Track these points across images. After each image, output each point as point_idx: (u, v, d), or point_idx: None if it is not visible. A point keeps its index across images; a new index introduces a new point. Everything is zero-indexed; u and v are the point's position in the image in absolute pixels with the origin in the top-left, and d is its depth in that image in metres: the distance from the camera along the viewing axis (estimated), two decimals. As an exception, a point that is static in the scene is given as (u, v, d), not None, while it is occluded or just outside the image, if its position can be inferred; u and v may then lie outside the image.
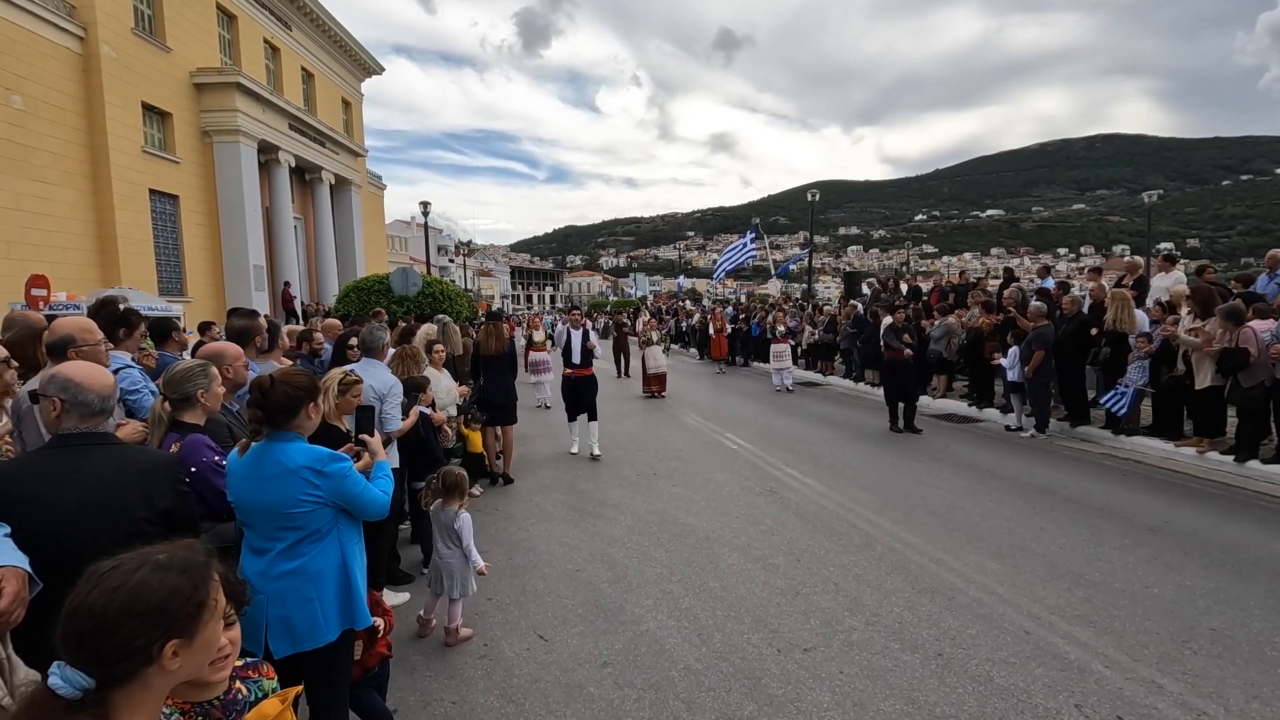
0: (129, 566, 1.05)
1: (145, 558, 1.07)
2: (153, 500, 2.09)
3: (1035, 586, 4.33)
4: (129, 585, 1.02)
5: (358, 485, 2.39)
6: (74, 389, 2.10)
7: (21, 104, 14.81)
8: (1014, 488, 6.58)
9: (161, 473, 2.18)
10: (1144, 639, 3.64)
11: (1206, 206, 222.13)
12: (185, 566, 1.09)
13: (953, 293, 12.67)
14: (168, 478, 2.17)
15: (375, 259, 32.19)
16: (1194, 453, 7.23)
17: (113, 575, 1.03)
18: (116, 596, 1.00)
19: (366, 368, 4.51)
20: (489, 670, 3.55)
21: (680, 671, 3.45)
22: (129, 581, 1.02)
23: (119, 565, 1.05)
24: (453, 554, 3.88)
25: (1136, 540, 5.10)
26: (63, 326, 3.10)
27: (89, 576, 1.04)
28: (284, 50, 25.43)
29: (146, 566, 1.05)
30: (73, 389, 2.10)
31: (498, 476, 7.28)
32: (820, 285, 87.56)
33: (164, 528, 2.10)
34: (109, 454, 2.13)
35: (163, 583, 1.05)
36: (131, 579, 1.03)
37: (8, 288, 13.08)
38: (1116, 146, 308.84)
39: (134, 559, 1.07)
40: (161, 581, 1.05)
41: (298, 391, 2.36)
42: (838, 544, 5.19)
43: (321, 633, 2.29)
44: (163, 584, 1.04)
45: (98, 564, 1.06)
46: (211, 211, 20.87)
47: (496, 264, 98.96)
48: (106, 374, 2.24)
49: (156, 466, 2.20)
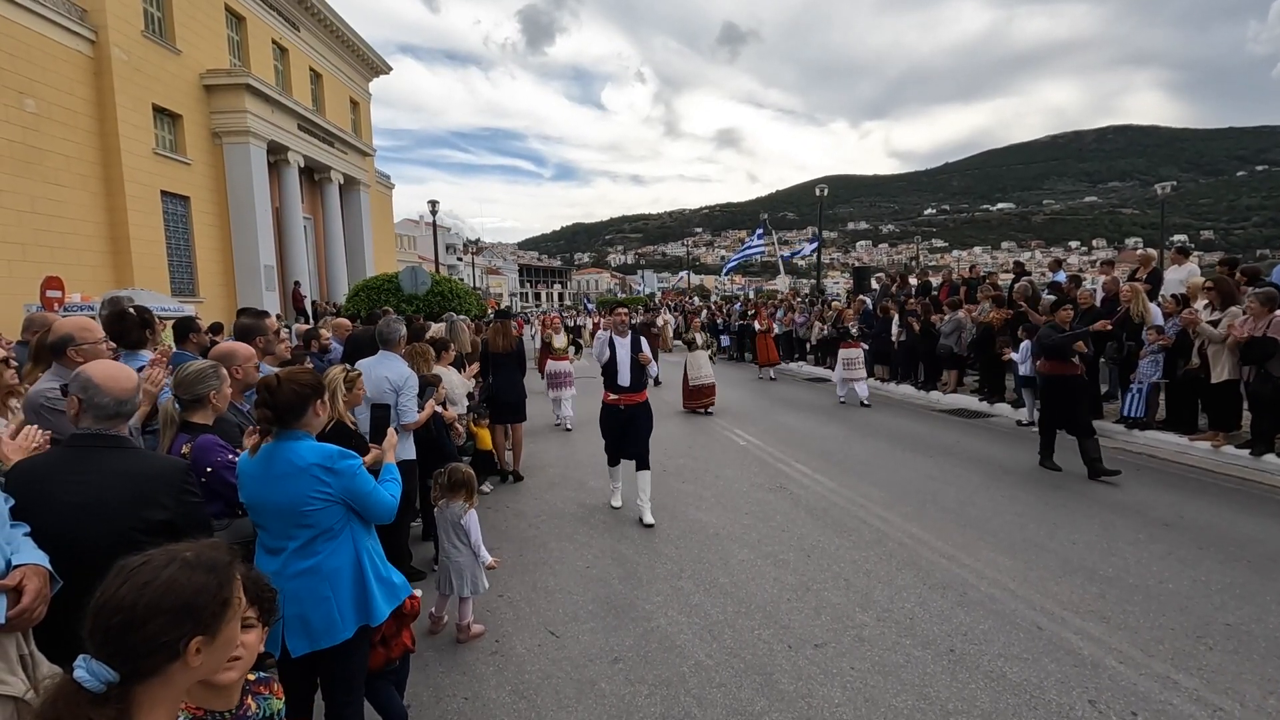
0: (158, 563, 1.07)
1: (173, 555, 1.09)
2: (147, 510, 2.06)
3: (1048, 582, 4.31)
4: (158, 581, 1.04)
5: (367, 484, 2.41)
6: (92, 390, 2.12)
7: (35, 107, 14.97)
8: (1026, 483, 6.54)
9: (163, 482, 2.13)
10: (1158, 634, 3.61)
11: (1221, 198, 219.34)
12: (212, 565, 1.11)
13: (964, 287, 12.58)
14: (170, 487, 2.13)
15: (384, 258, 32.34)
16: (1209, 447, 7.16)
17: (142, 571, 1.05)
18: (146, 592, 1.02)
19: (382, 360, 4.55)
20: (501, 666, 3.57)
21: (691, 667, 3.46)
22: (158, 577, 1.04)
23: (148, 561, 1.07)
24: (460, 552, 3.89)
25: (1151, 535, 5.06)
26: (62, 326, 3.13)
27: (118, 571, 1.06)
28: (292, 51, 25.56)
29: (175, 564, 1.07)
30: (91, 390, 2.13)
31: (508, 474, 7.31)
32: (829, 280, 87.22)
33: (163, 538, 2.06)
34: (116, 458, 2.13)
35: (190, 580, 1.06)
36: (161, 575, 1.05)
37: (24, 289, 13.24)
38: (1129, 138, 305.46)
39: (162, 555, 1.09)
40: (190, 579, 1.06)
41: (304, 390, 2.38)
42: (848, 540, 5.18)
43: (338, 630, 2.32)
44: (190, 581, 1.06)
45: (126, 559, 1.08)
46: (222, 212, 21.03)
47: (504, 262, 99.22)
48: (129, 378, 2.23)
49: (159, 475, 2.15)
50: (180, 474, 2.21)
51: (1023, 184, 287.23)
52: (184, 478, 2.21)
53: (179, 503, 2.13)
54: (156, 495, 2.09)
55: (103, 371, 2.19)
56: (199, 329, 4.59)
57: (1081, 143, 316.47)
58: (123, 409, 2.18)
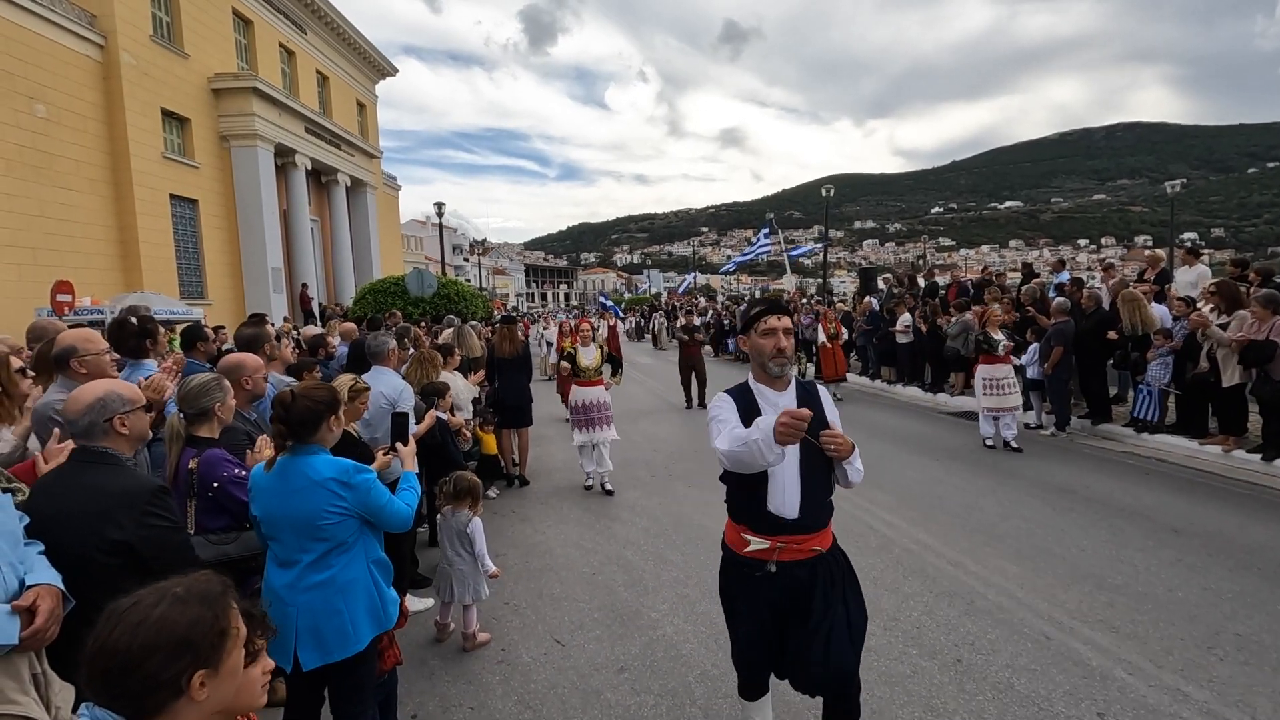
0: (148, 602, 1.07)
1: (163, 592, 1.09)
2: (107, 529, 2.05)
3: (1056, 590, 4.28)
4: (150, 620, 1.04)
5: (383, 497, 2.43)
6: (63, 412, 2.24)
7: (45, 112, 15.08)
8: (1034, 487, 6.51)
9: (124, 501, 2.10)
10: (1168, 644, 3.59)
11: (1232, 195, 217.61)
12: (204, 597, 1.10)
13: (973, 287, 12.52)
14: (129, 508, 2.10)
15: (391, 260, 32.45)
16: (1219, 451, 7.10)
17: (133, 612, 1.05)
18: (139, 632, 1.02)
19: (376, 375, 4.54)
20: (507, 675, 3.58)
21: (697, 677, 3.46)
22: (150, 616, 1.04)
23: (138, 601, 1.07)
24: (463, 560, 3.89)
25: (1160, 542, 5.02)
26: (66, 338, 3.15)
27: (109, 615, 1.06)
28: (299, 53, 25.67)
29: (165, 601, 1.07)
30: (63, 412, 2.25)
31: (513, 478, 7.32)
32: (835, 280, 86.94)
33: (121, 559, 2.05)
34: (97, 473, 2.15)
35: (184, 614, 1.06)
36: (152, 614, 1.04)
37: (34, 293, 13.34)
38: (1138, 135, 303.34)
39: (152, 594, 1.09)
40: (183, 613, 1.06)
41: (319, 405, 2.39)
42: (853, 546, 5.14)
43: (351, 643, 2.33)
44: (184, 615, 1.06)
45: (116, 602, 1.08)
46: (230, 215, 21.14)
47: (511, 262, 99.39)
48: (88, 392, 2.25)
49: (123, 493, 2.12)
50: (146, 494, 2.16)
51: (1030, 182, 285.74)
52: (149, 499, 2.15)
53: (138, 524, 2.09)
54: (115, 514, 2.08)
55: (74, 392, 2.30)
56: (207, 337, 4.61)
57: (1090, 140, 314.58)
58: (80, 423, 2.19)
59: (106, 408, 2.20)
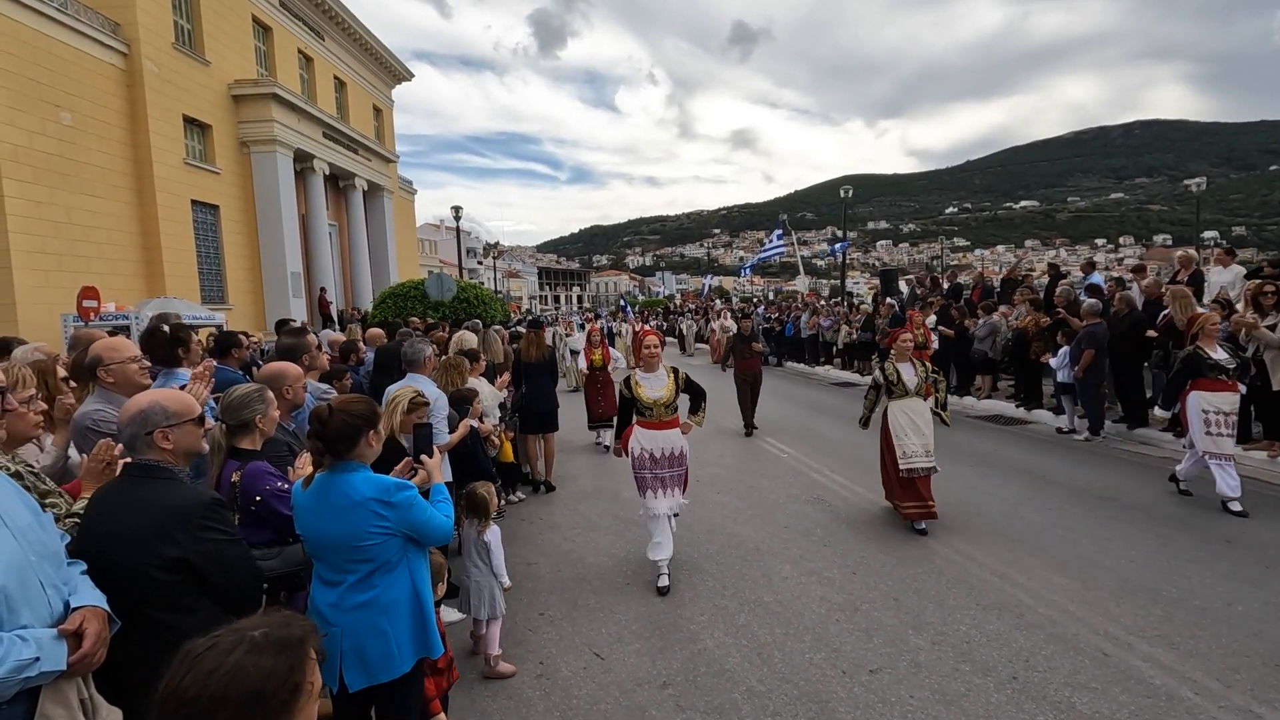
0: (224, 646, 1.03)
1: (241, 636, 1.04)
2: (163, 546, 2.01)
3: (1108, 603, 4.14)
4: (223, 669, 0.99)
5: (424, 512, 2.36)
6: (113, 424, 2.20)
7: (71, 120, 15.26)
8: (1072, 494, 6.34)
9: (179, 517, 2.05)
10: (1234, 662, 3.44)
11: (1253, 193, 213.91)
12: (282, 645, 1.05)
13: (999, 288, 12.33)
14: (184, 523, 2.04)
15: (407, 263, 32.59)
16: (1265, 457, 6.90)
17: (207, 658, 1.01)
18: (210, 682, 0.98)
19: (410, 383, 4.50)
20: (547, 690, 3.50)
21: (743, 694, 3.36)
22: (223, 665, 1.00)
23: (215, 645, 1.03)
24: (480, 571, 3.79)
25: (1212, 552, 4.85)
26: (94, 348, 3.11)
27: (183, 658, 1.02)
28: (317, 60, 25.86)
29: (242, 647, 1.02)
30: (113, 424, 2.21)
31: (539, 484, 7.26)
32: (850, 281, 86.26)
33: (179, 575, 2.03)
34: (149, 488, 2.10)
35: (258, 665, 1.01)
36: (226, 662, 1.00)
37: (60, 299, 13.48)
38: (1156, 133, 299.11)
39: (230, 636, 1.04)
40: (257, 664, 1.01)
41: (356, 420, 2.32)
42: (893, 556, 5.04)
43: (396, 664, 2.26)
44: (258, 667, 1.01)
45: (193, 642, 1.04)
46: (250, 220, 21.30)
47: (524, 265, 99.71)
48: (133, 404, 2.20)
49: (178, 509, 2.07)
50: (200, 509, 2.10)
51: (1046, 181, 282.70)
52: (204, 513, 2.09)
53: (194, 539, 2.04)
54: (171, 530, 2.03)
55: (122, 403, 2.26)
56: (241, 344, 4.58)
57: (1107, 138, 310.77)
58: (125, 435, 2.15)
59: (148, 420, 2.14)
